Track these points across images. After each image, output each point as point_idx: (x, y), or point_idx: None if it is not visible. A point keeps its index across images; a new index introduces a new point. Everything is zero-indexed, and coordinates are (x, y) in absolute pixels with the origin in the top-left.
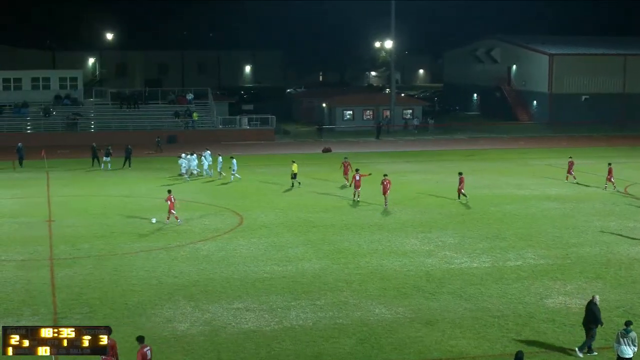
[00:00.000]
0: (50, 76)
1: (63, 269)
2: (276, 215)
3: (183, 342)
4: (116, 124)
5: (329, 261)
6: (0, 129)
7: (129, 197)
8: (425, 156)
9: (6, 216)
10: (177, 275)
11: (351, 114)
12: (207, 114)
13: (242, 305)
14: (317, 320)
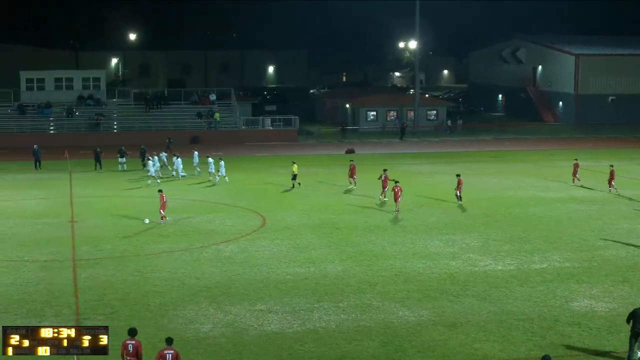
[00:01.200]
0: (73, 76)
1: (85, 270)
2: (299, 217)
3: (205, 343)
4: (139, 124)
5: (352, 263)
6: (24, 129)
7: (149, 197)
8: (450, 157)
9: (29, 217)
10: (200, 276)
11: (375, 114)
12: (230, 115)
13: (265, 307)
14: (340, 323)
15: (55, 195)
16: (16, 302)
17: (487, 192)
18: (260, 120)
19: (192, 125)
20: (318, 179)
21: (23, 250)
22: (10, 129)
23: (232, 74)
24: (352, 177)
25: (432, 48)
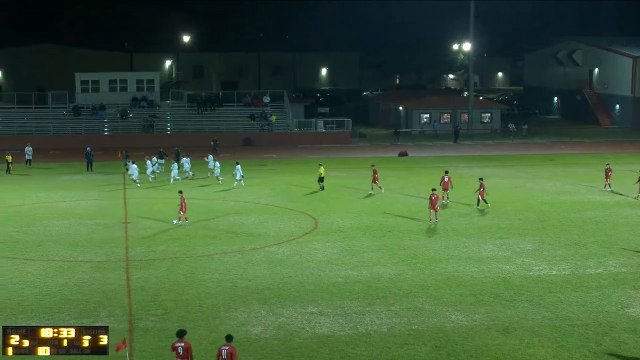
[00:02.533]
0: (127, 78)
1: (138, 271)
2: (351, 219)
3: (257, 345)
4: (192, 126)
5: (404, 266)
6: (79, 130)
7: (202, 199)
8: (504, 160)
9: (83, 217)
10: (252, 278)
11: (428, 117)
12: (283, 117)
13: (317, 309)
14: (392, 326)
15: (109, 196)
16: (70, 302)
17: (541, 196)
18: (313, 122)
19: (244, 127)
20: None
21: (77, 250)
22: (65, 131)
23: (285, 75)
24: (375, 182)
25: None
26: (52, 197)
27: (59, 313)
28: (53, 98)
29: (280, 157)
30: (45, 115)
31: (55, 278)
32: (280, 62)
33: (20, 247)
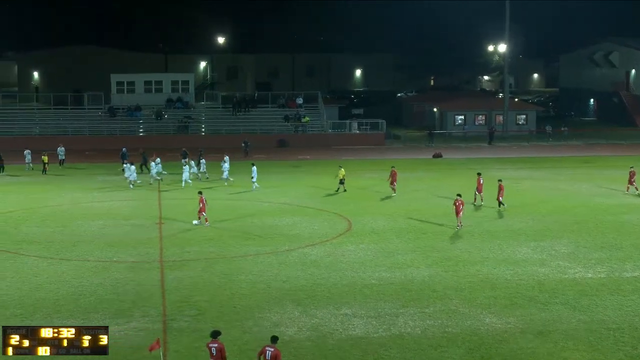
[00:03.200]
0: (162, 79)
1: (173, 271)
2: (385, 221)
3: (290, 347)
4: (226, 127)
5: (438, 268)
6: (114, 131)
7: (236, 200)
8: (540, 162)
9: (118, 218)
10: (285, 279)
11: (463, 118)
12: (317, 118)
13: (350, 311)
14: (426, 328)
15: (144, 196)
16: (105, 302)
17: (577, 198)
18: (347, 123)
19: (279, 128)
20: (405, 183)
21: (112, 250)
22: (101, 131)
23: (319, 77)
24: (393, 184)
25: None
26: (87, 198)
27: (93, 313)
28: (89, 99)
29: (314, 159)
30: (81, 116)
31: (90, 278)
32: (315, 63)
33: (56, 247)
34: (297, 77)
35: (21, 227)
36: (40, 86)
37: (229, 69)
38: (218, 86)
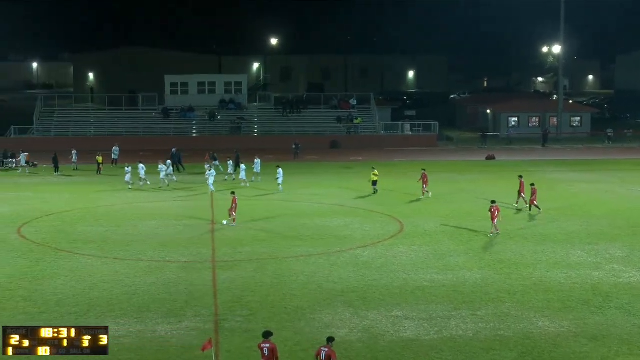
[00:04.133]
0: (216, 81)
1: (225, 272)
2: (437, 223)
3: (341, 348)
4: (279, 128)
5: (490, 271)
6: (168, 132)
7: (289, 201)
8: (594, 165)
9: (171, 218)
10: (337, 281)
11: (516, 120)
12: (370, 120)
13: (401, 313)
14: (478, 331)
15: (196, 197)
16: (158, 302)
17: (632, 202)
18: (400, 125)
19: (331, 130)
20: (457, 185)
21: (165, 250)
22: (155, 132)
23: (372, 78)
24: (424, 187)
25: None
26: (140, 198)
27: (147, 312)
28: (143, 100)
29: (366, 160)
30: (135, 117)
31: (143, 277)
32: (367, 64)
33: (110, 247)
34: (350, 79)
35: (76, 227)
36: (95, 87)
37: (282, 70)
38: (271, 87)
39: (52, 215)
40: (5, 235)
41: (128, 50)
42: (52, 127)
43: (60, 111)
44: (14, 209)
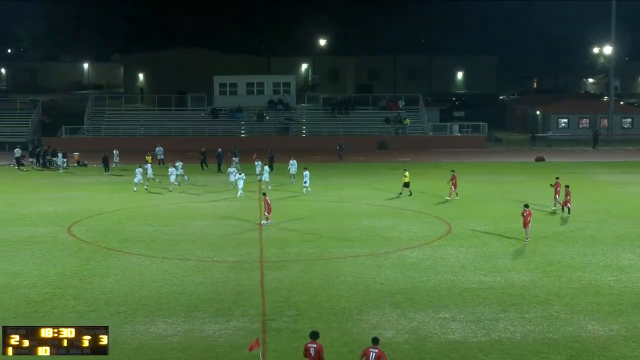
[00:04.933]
0: (264, 81)
1: (272, 272)
2: (486, 225)
3: (388, 349)
4: (327, 129)
5: (539, 273)
6: (216, 132)
7: (338, 202)
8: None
9: (219, 218)
10: (384, 282)
11: (566, 122)
12: (418, 120)
13: (449, 315)
14: (526, 334)
15: (244, 197)
16: (206, 301)
17: None
18: (448, 126)
19: (379, 130)
20: (505, 187)
21: (213, 250)
22: (203, 133)
23: (420, 79)
24: (453, 189)
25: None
26: (188, 198)
27: (194, 311)
28: (192, 100)
29: (414, 161)
30: (184, 118)
31: (192, 277)
32: (416, 65)
33: (159, 246)
34: (399, 79)
35: (126, 226)
36: (145, 88)
37: (330, 71)
38: (319, 88)
39: (102, 215)
40: (56, 234)
41: (177, 51)
42: (102, 127)
43: (111, 111)
44: (64, 208)
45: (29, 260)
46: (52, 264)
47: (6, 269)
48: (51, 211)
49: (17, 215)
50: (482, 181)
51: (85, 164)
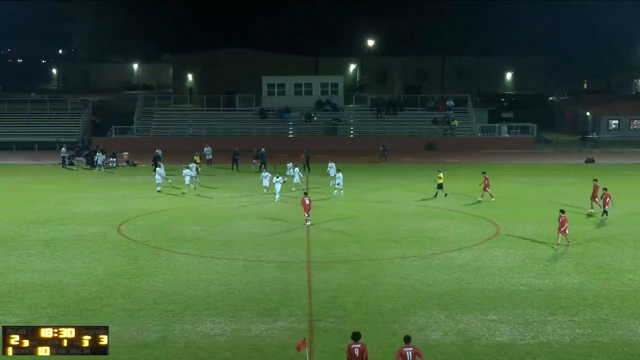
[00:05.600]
0: (312, 82)
1: (320, 272)
2: (534, 227)
3: (435, 351)
4: (374, 130)
5: (588, 276)
6: (264, 132)
7: (384, 203)
8: None
9: (265, 218)
10: (431, 283)
11: (617, 123)
12: (466, 121)
13: (497, 317)
14: (575, 337)
15: (291, 197)
16: (253, 301)
17: None
18: (497, 127)
19: (427, 131)
20: (554, 188)
21: (261, 250)
22: (252, 133)
23: (469, 80)
24: (486, 190)
25: None
26: (235, 198)
27: (242, 311)
28: (240, 101)
29: (462, 162)
30: (232, 118)
31: (239, 277)
32: (464, 66)
33: (207, 246)
34: (447, 80)
35: (174, 225)
36: (193, 88)
37: (378, 72)
38: (367, 89)
39: (151, 214)
40: (105, 233)
41: (226, 51)
42: (151, 127)
43: (160, 112)
44: (114, 208)
45: (78, 258)
46: (101, 263)
47: (57, 267)
48: (100, 210)
49: (67, 214)
50: (531, 183)
51: (134, 164)
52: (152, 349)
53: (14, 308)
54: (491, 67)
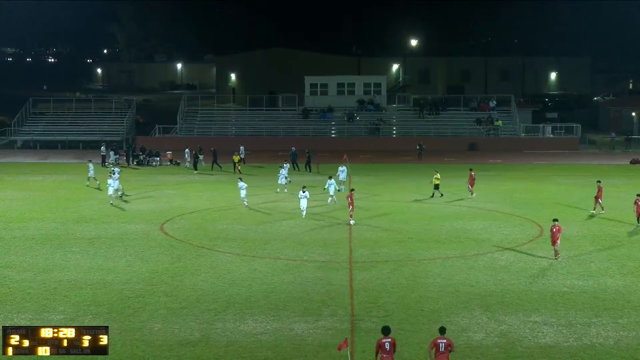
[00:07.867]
0: (355, 82)
1: (361, 272)
2: (578, 228)
3: (477, 352)
4: (417, 130)
5: (633, 278)
6: (307, 132)
7: (426, 203)
8: None
9: (308, 218)
10: (474, 284)
11: None
12: (510, 122)
13: (540, 318)
14: (619, 340)
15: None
16: (295, 300)
17: None
18: (541, 127)
19: (470, 132)
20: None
21: (303, 250)
22: (294, 132)
23: (512, 80)
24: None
25: None
26: (277, 197)
27: (283, 310)
28: (283, 100)
29: (505, 163)
30: (275, 117)
31: (281, 276)
32: (508, 66)
33: (249, 245)
34: (490, 80)
35: (217, 224)
36: (236, 88)
37: (421, 72)
38: (409, 89)
39: (194, 213)
40: (148, 232)
41: (269, 51)
42: (194, 126)
43: (203, 111)
44: (157, 206)
45: (122, 257)
46: (144, 261)
47: (100, 265)
48: (144, 209)
49: (111, 212)
50: (575, 184)
51: (177, 163)
52: (195, 347)
53: (59, 305)
54: (535, 67)
